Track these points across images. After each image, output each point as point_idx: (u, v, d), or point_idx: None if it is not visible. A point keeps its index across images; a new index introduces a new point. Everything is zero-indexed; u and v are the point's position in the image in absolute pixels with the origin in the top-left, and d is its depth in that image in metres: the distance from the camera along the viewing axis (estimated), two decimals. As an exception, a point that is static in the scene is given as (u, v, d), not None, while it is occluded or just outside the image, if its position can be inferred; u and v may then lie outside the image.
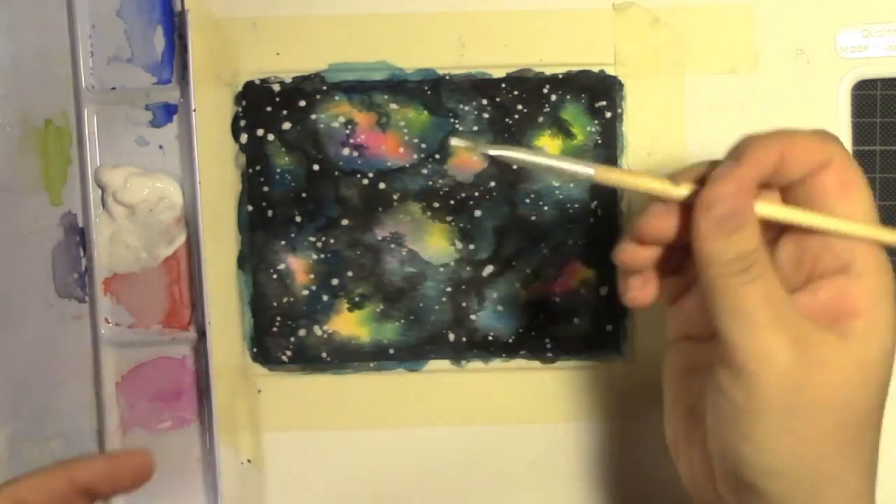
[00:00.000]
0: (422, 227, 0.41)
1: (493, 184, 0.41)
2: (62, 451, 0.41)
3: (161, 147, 0.41)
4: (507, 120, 0.41)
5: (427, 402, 0.42)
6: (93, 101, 0.41)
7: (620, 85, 0.41)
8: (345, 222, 0.41)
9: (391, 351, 0.42)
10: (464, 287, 0.41)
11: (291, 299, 0.41)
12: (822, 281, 0.30)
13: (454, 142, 0.31)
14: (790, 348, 0.28)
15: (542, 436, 0.42)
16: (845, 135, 0.41)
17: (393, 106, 0.41)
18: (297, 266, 0.41)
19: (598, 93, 0.41)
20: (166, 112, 0.41)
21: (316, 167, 0.41)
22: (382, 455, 0.42)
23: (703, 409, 0.31)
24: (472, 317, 0.41)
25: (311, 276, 0.41)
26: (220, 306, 0.41)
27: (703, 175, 0.30)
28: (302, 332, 0.41)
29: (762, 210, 0.30)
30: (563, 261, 0.41)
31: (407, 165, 0.41)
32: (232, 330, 0.41)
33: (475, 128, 0.41)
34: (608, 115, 0.41)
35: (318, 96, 0.41)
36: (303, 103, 0.41)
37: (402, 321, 0.41)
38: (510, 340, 0.41)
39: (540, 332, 0.41)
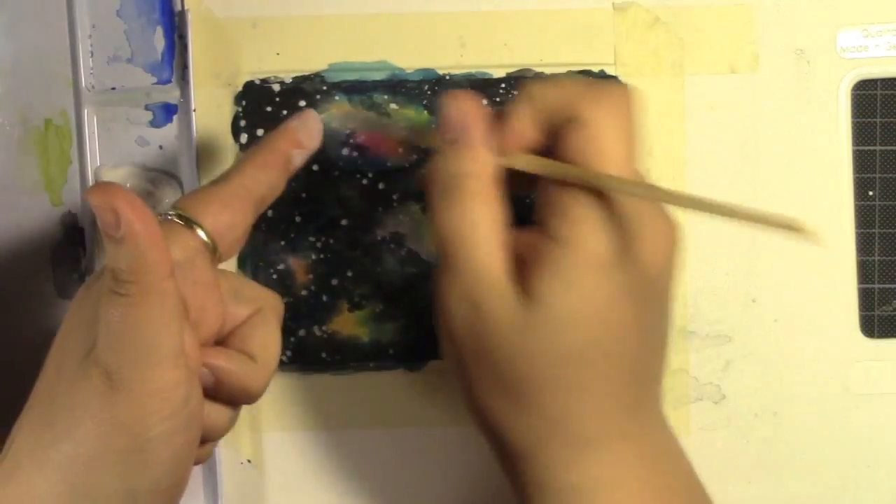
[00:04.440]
0: (422, 227, 0.41)
1: (493, 184, 0.41)
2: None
3: (161, 147, 0.41)
4: (507, 120, 0.41)
5: (427, 402, 0.42)
6: (93, 101, 0.41)
7: (620, 85, 0.41)
8: (345, 222, 0.41)
9: (391, 351, 0.41)
10: (464, 287, 0.41)
11: (291, 299, 0.41)
12: (535, 228, 0.31)
13: None
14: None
15: (542, 436, 0.42)
16: (845, 135, 0.41)
17: (393, 106, 0.41)
18: (297, 266, 0.41)
19: (598, 93, 0.41)
20: (166, 112, 0.41)
21: (316, 167, 0.41)
22: (382, 455, 0.42)
23: None
24: (472, 317, 0.41)
25: (311, 276, 0.41)
26: (220, 306, 0.41)
27: None
28: (302, 333, 0.41)
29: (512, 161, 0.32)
30: (563, 261, 0.41)
31: (407, 165, 0.41)
32: (232, 330, 0.41)
33: (475, 128, 0.41)
34: (608, 115, 0.41)
35: (318, 96, 0.41)
36: (303, 103, 0.41)
37: (402, 321, 0.41)
38: (510, 340, 0.41)
39: (540, 332, 0.41)
